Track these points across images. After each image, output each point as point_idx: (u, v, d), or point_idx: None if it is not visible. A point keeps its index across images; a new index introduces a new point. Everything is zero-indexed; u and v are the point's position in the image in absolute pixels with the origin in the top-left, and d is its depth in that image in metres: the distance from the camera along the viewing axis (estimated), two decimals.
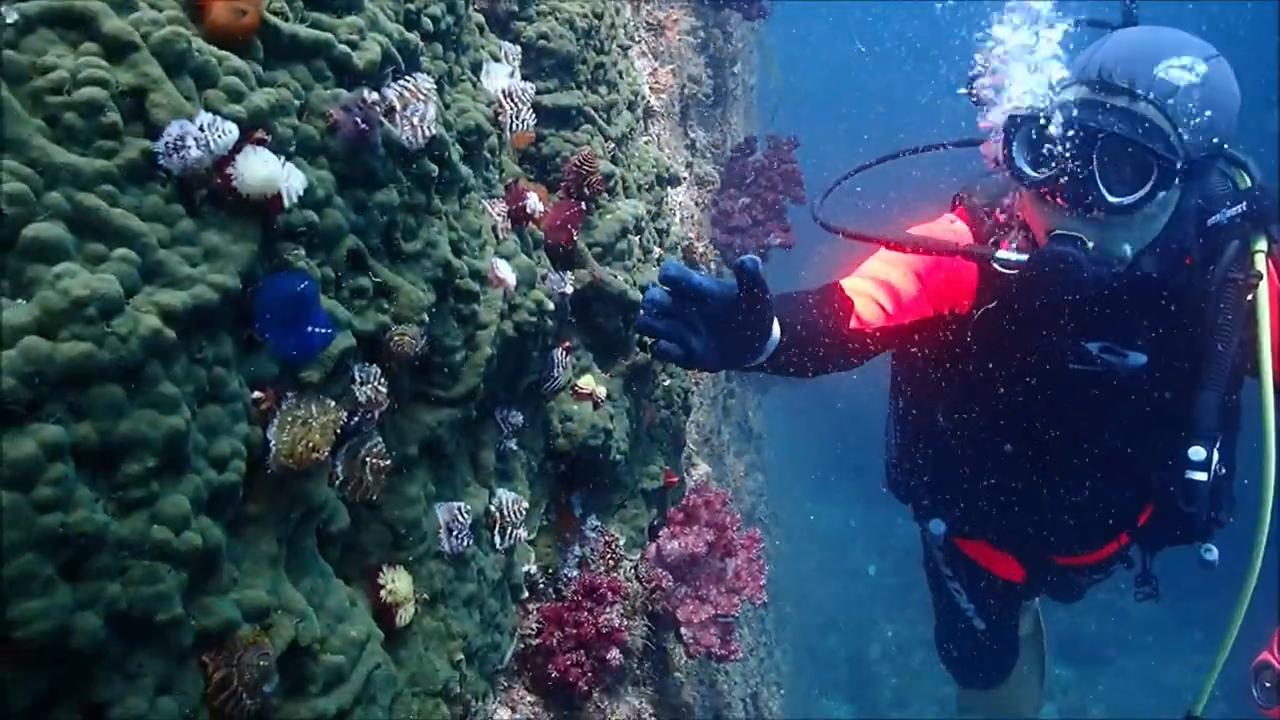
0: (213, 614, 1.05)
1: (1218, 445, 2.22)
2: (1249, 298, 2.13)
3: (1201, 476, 2.19)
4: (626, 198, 2.47)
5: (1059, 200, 2.03)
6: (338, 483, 1.32)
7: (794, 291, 2.28)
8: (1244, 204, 2.13)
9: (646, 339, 1.64)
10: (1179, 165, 1.94)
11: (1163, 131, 1.95)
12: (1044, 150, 2.04)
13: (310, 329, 1.17)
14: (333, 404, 1.20)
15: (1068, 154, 1.99)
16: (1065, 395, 2.36)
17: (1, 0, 0.97)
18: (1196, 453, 2.19)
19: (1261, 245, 2.16)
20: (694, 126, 4.66)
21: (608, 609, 2.17)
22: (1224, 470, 2.36)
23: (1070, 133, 1.99)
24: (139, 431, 0.95)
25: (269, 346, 1.15)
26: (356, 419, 1.31)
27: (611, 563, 2.45)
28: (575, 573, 2.33)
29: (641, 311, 1.76)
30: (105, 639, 0.93)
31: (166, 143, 1.03)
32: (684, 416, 2.92)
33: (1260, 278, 2.12)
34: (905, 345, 2.47)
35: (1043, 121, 2.03)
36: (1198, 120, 1.97)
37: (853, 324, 2.21)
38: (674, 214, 3.37)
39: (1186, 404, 2.21)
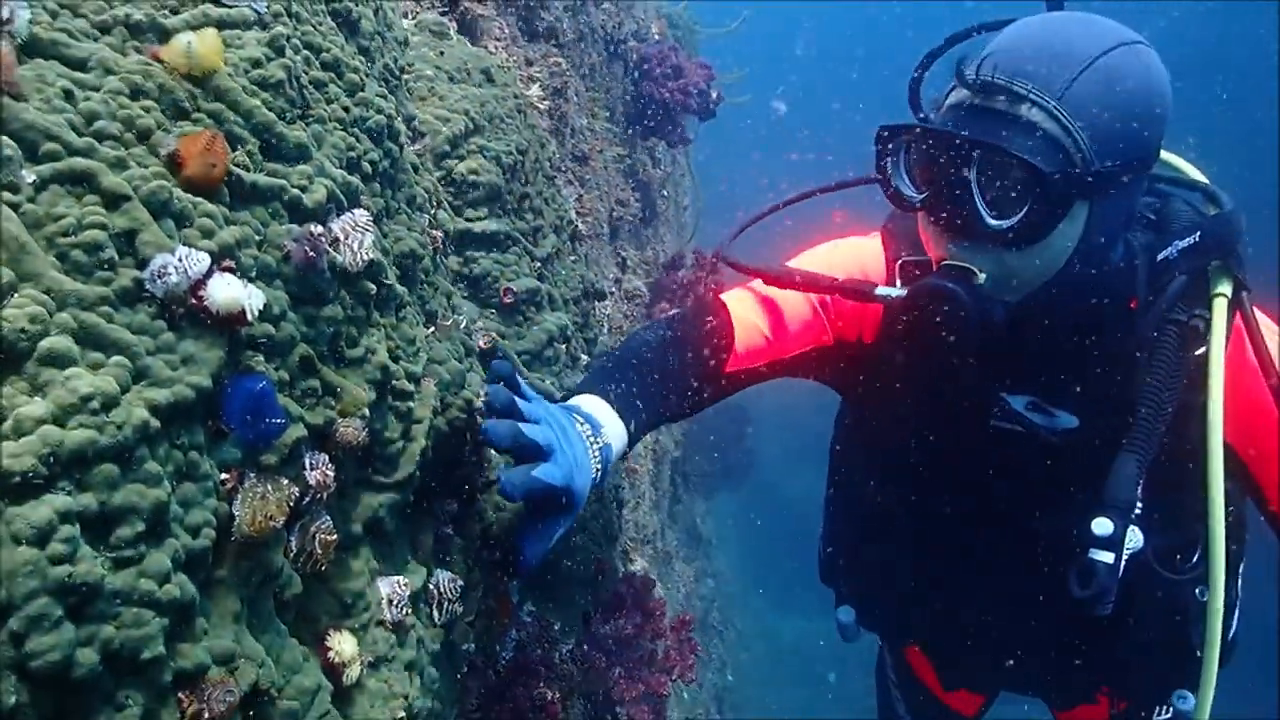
0: (187, 657, 1.26)
1: (1140, 527, 1.79)
2: (1197, 351, 1.73)
3: (1107, 557, 1.71)
4: (553, 310, 2.75)
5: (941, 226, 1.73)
6: (292, 555, 1.54)
7: (657, 332, 2.09)
8: (1197, 234, 1.75)
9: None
10: (1073, 181, 1.60)
11: (1054, 139, 1.60)
12: (921, 167, 1.75)
13: (268, 420, 1.41)
14: (286, 482, 1.44)
15: (943, 170, 1.68)
16: (982, 459, 1.99)
17: (20, 165, 1.23)
18: (1101, 525, 1.73)
19: (1224, 288, 1.73)
20: (624, 245, 5.01)
21: (540, 684, 2.36)
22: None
23: (942, 144, 1.67)
24: (130, 502, 1.18)
25: (233, 435, 1.39)
26: (308, 499, 1.54)
27: (547, 646, 2.65)
28: (511, 654, 2.52)
29: (487, 423, 1.75)
30: (101, 672, 1.13)
31: (151, 271, 1.28)
32: (615, 508, 3.15)
33: (1206, 322, 1.72)
34: (796, 376, 2.20)
35: (917, 133, 1.72)
36: (1107, 124, 1.62)
37: (729, 365, 2.04)
38: (603, 325, 3.67)
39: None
